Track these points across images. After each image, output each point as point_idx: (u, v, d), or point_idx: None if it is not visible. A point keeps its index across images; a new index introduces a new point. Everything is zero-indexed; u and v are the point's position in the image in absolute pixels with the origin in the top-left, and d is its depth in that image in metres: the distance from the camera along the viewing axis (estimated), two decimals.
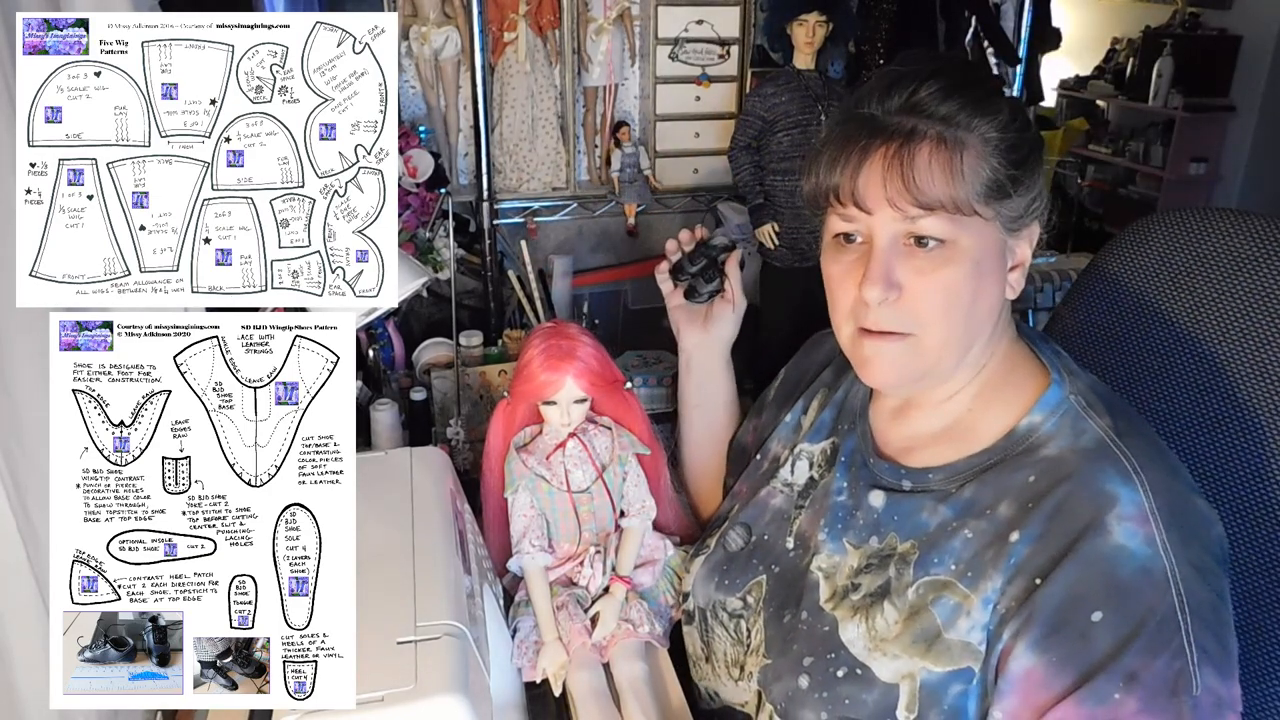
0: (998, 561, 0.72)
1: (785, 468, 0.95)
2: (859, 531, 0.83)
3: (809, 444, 0.94)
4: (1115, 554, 0.68)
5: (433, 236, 1.67)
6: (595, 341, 1.05)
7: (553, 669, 0.96)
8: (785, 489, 0.94)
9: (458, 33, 1.66)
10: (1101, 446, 0.72)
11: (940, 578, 0.75)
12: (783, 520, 0.92)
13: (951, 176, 0.71)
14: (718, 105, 1.85)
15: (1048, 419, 0.76)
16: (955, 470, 0.78)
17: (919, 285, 0.74)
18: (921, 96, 0.73)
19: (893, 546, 0.79)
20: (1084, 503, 0.70)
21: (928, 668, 0.73)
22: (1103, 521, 0.69)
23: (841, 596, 0.81)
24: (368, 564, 0.66)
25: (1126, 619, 0.66)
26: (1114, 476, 0.70)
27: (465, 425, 1.45)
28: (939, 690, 0.73)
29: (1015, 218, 0.75)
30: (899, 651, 0.75)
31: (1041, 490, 0.72)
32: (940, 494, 0.78)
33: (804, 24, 1.60)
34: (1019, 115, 0.75)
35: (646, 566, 1.07)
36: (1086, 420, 0.75)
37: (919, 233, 0.73)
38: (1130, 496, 0.69)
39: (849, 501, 0.85)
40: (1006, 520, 0.73)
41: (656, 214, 1.89)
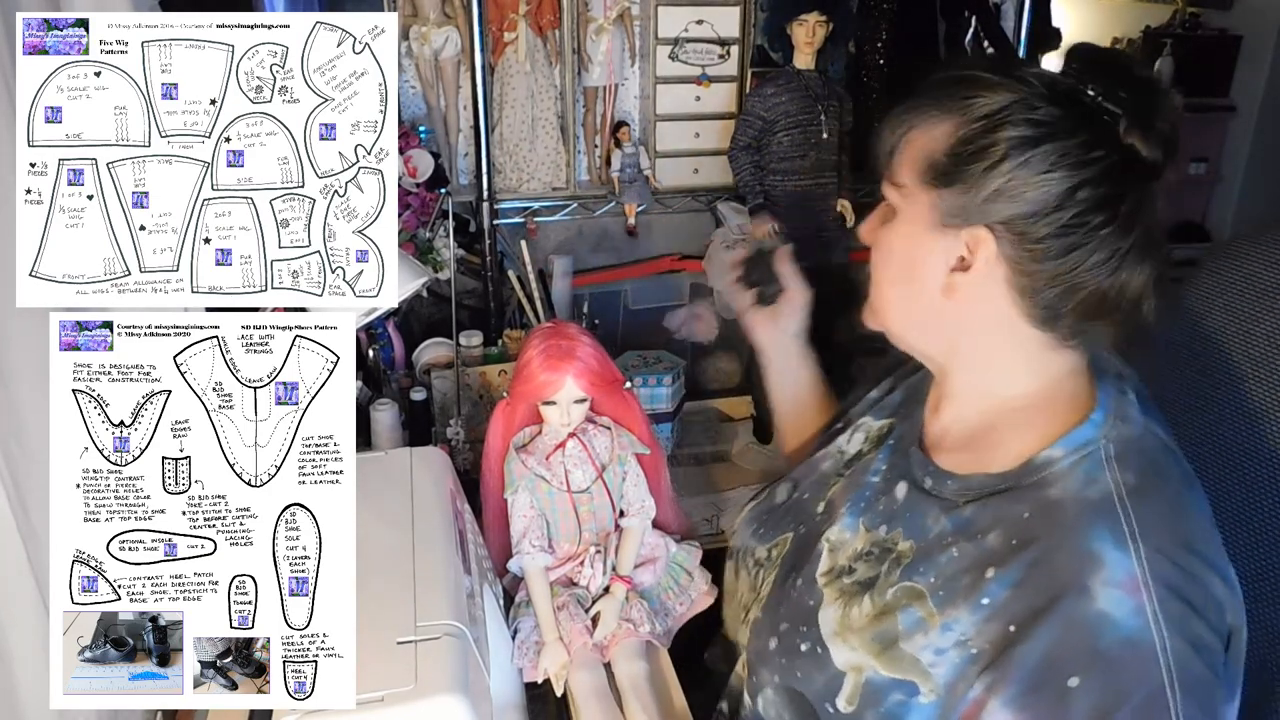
0: (969, 594, 0.71)
1: (844, 435, 0.96)
2: (875, 516, 0.83)
3: (871, 419, 0.95)
4: (1097, 621, 0.65)
5: (433, 236, 1.66)
6: (595, 341, 1.05)
7: (554, 669, 0.96)
8: (836, 455, 0.95)
9: (458, 33, 1.66)
10: (1104, 503, 0.69)
11: (918, 586, 0.75)
12: (823, 484, 0.93)
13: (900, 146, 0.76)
14: (718, 105, 1.85)
15: (1067, 456, 0.72)
16: (968, 485, 0.77)
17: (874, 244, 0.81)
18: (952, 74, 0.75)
19: (895, 542, 0.80)
20: (1067, 559, 0.67)
21: (876, 669, 0.74)
22: (1085, 584, 0.66)
23: (835, 576, 0.82)
24: (368, 564, 0.66)
25: (1107, 690, 0.63)
26: (1106, 538, 0.67)
27: (465, 425, 1.45)
28: (880, 693, 0.74)
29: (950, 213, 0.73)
30: (857, 644, 0.76)
31: (1030, 532, 0.70)
32: (948, 504, 0.77)
33: (804, 24, 1.60)
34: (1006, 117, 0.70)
35: (647, 566, 1.07)
36: (1104, 471, 0.70)
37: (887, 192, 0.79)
38: (1120, 562, 0.66)
39: (880, 485, 0.85)
40: (989, 552, 0.71)
41: (656, 214, 1.88)
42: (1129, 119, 0.70)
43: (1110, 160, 0.70)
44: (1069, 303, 0.72)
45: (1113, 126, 0.70)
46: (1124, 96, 0.70)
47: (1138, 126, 0.70)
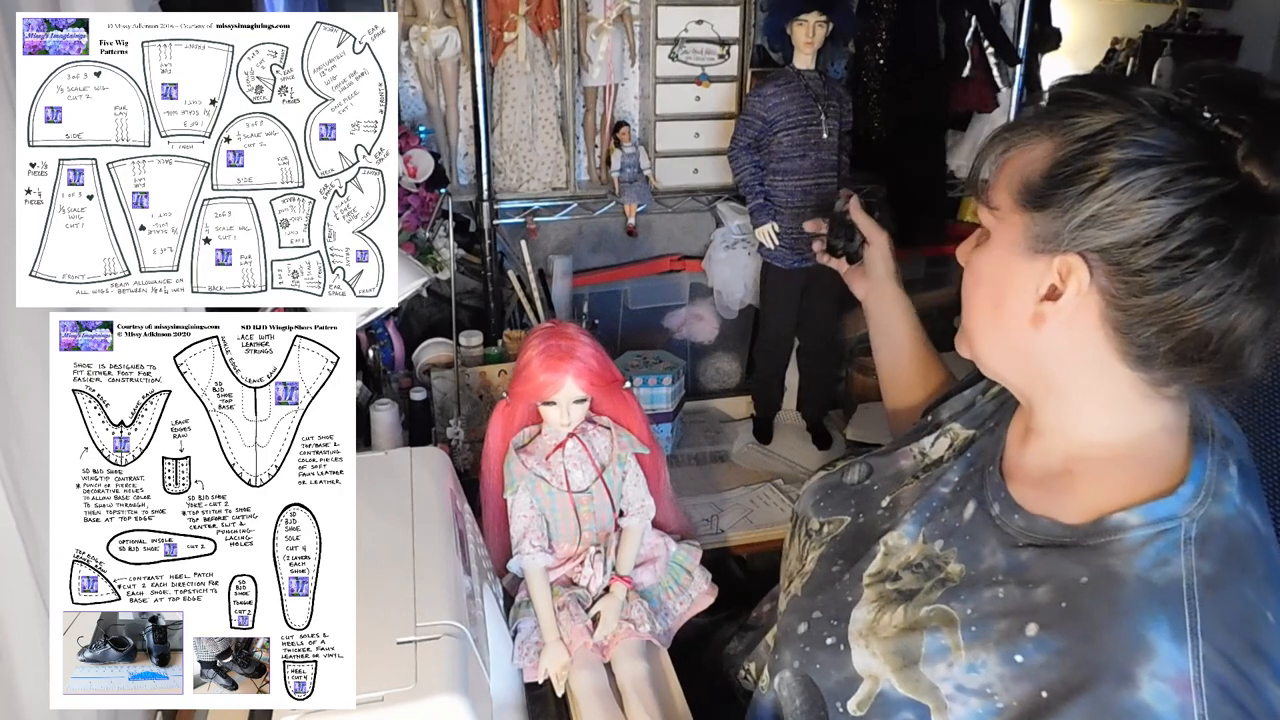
0: (1002, 642, 0.68)
1: (929, 437, 0.94)
2: (936, 529, 0.81)
3: (958, 425, 0.93)
4: (1136, 711, 0.61)
5: (433, 236, 1.66)
6: (594, 341, 1.05)
7: (555, 669, 0.96)
8: (918, 456, 0.94)
9: (458, 33, 1.66)
10: (1170, 591, 0.64)
11: (952, 613, 0.73)
12: (896, 481, 0.93)
13: (998, 166, 0.73)
14: (718, 105, 1.85)
15: (1142, 527, 0.67)
16: (1034, 528, 0.73)
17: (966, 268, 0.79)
18: (1053, 92, 0.73)
19: (946, 561, 0.77)
20: (1117, 641, 0.63)
21: (893, 684, 0.74)
22: (1130, 672, 0.62)
23: (880, 579, 0.81)
24: (368, 564, 0.66)
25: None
26: (1163, 629, 0.62)
27: (465, 425, 1.45)
28: (892, 708, 0.73)
29: (1043, 238, 0.69)
30: (878, 652, 0.76)
31: (1083, 600, 0.66)
32: (1008, 540, 0.74)
33: (804, 24, 1.60)
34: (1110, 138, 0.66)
35: (647, 565, 1.07)
36: (1179, 554, 0.65)
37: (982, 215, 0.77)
38: (1173, 656, 0.62)
39: (948, 497, 0.83)
40: (1035, 606, 0.68)
41: (656, 214, 1.88)
42: (1250, 144, 0.63)
43: (1225, 188, 0.63)
44: (1168, 342, 0.66)
45: (1230, 152, 0.64)
46: (1245, 120, 0.64)
47: (1258, 153, 0.63)
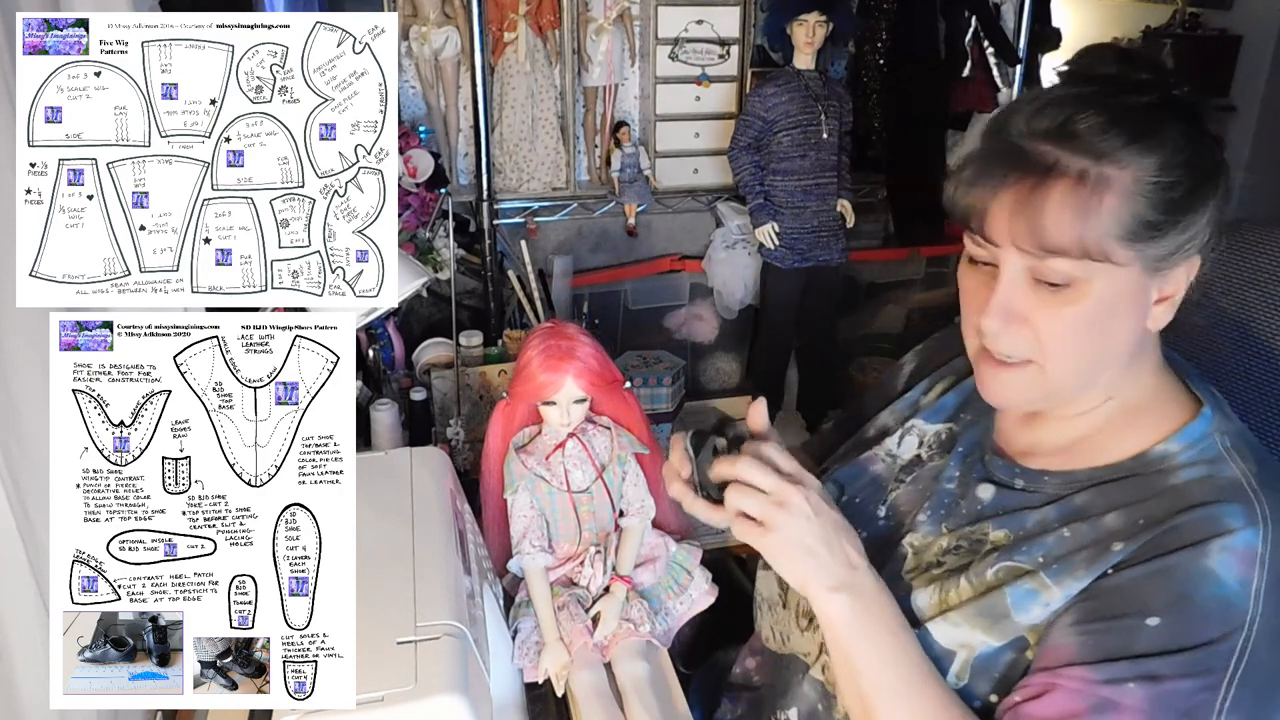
0: (1091, 564, 0.70)
1: (893, 438, 0.94)
2: (958, 518, 0.82)
3: (924, 422, 0.93)
4: (1201, 574, 0.65)
5: (433, 236, 1.67)
6: (594, 341, 1.05)
7: (555, 669, 0.96)
8: (888, 459, 0.93)
9: (458, 33, 1.66)
10: (1235, 486, 0.69)
11: (1022, 565, 0.74)
12: (878, 488, 0.92)
13: (1085, 220, 0.66)
14: (718, 105, 1.85)
15: (1185, 450, 0.72)
16: (1074, 478, 0.76)
17: (1043, 319, 0.71)
18: (1075, 127, 0.67)
19: (984, 532, 0.79)
20: (1198, 526, 0.67)
21: (988, 642, 0.73)
22: (1204, 544, 0.66)
23: (923, 570, 0.81)
24: (368, 564, 0.66)
25: (1180, 635, 0.64)
26: (1240, 514, 0.67)
27: (465, 425, 1.45)
28: (992, 661, 0.73)
29: (1162, 258, 0.69)
30: (960, 620, 0.75)
31: (1157, 516, 0.69)
32: (1051, 497, 0.76)
33: (804, 24, 1.60)
34: (1189, 146, 0.68)
35: (647, 565, 1.07)
36: (1228, 462, 0.71)
37: (1044, 275, 0.69)
38: (1247, 536, 0.66)
39: (957, 490, 0.84)
40: (1111, 530, 0.71)
41: (656, 214, 1.89)
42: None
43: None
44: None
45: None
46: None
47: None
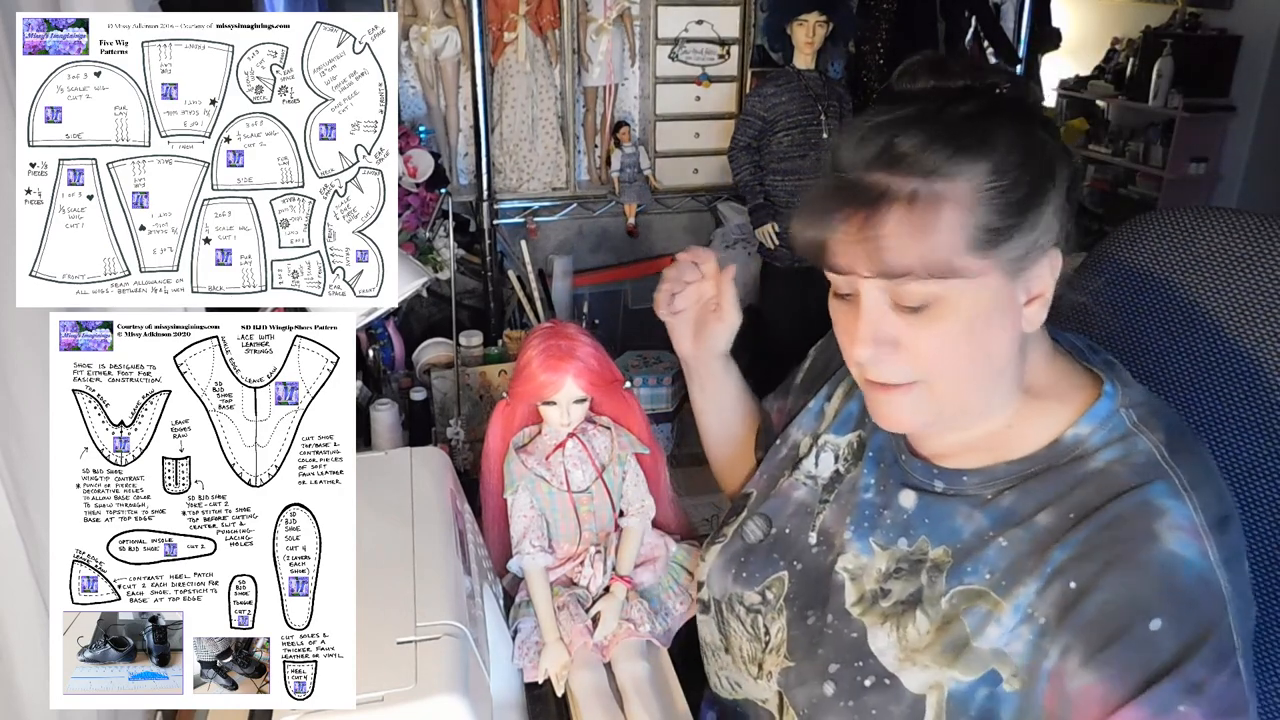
0: (1035, 570, 0.70)
1: (809, 459, 0.91)
2: (887, 532, 0.80)
3: (834, 435, 0.90)
4: (1171, 561, 0.65)
5: (433, 236, 1.67)
6: (594, 341, 1.05)
7: (555, 669, 0.96)
8: (809, 481, 0.90)
9: (458, 33, 1.66)
10: (1150, 463, 0.70)
11: (974, 587, 0.73)
12: (806, 514, 0.89)
13: (925, 240, 0.66)
14: (718, 105, 1.85)
15: (1096, 431, 0.73)
16: (993, 476, 0.75)
17: (914, 340, 0.71)
18: (898, 150, 0.67)
19: (924, 551, 0.77)
20: (1133, 514, 0.68)
21: (955, 677, 0.71)
22: (1153, 529, 0.66)
23: (870, 602, 0.78)
24: (368, 564, 0.66)
25: (1188, 627, 0.64)
26: (1164, 492, 0.68)
27: (465, 425, 1.45)
28: (966, 699, 0.71)
29: (1017, 259, 0.69)
30: (929, 662, 0.73)
31: (1088, 504, 0.70)
32: (975, 499, 0.75)
33: (804, 24, 1.60)
34: (1020, 146, 0.68)
35: (647, 565, 1.07)
36: (1138, 436, 0.72)
37: (902, 300, 0.69)
38: (1181, 511, 0.67)
39: (877, 500, 0.82)
40: (1046, 530, 0.71)
41: (656, 214, 1.89)
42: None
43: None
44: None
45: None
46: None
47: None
